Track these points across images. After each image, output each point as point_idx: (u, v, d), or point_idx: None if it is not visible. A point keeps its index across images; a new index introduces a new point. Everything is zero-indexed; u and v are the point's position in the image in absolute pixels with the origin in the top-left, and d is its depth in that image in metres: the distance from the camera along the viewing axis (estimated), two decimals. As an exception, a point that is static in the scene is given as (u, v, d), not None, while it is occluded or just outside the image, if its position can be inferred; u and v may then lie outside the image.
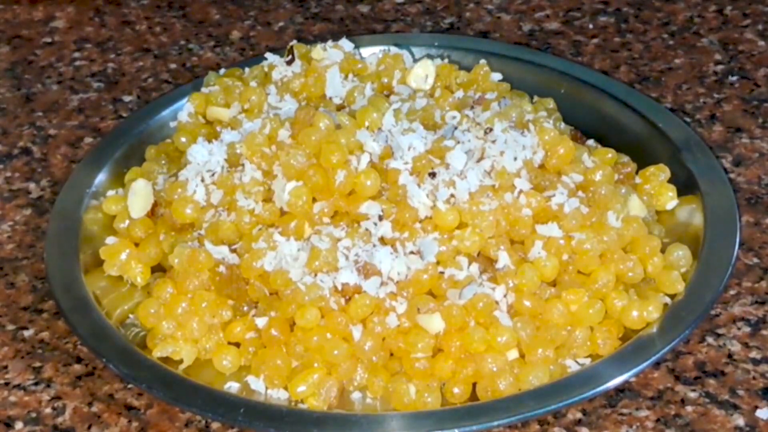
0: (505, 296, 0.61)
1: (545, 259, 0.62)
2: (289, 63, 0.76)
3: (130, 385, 0.62)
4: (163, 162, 0.73)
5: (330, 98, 0.73)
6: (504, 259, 0.62)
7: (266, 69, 0.77)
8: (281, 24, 0.95)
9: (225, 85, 0.76)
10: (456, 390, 0.59)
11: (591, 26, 0.92)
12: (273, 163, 0.65)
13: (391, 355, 0.61)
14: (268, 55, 0.78)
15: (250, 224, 0.65)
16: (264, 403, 0.60)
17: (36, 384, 0.63)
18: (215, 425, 0.60)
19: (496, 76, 0.77)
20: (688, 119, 0.80)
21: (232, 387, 0.61)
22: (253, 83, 0.75)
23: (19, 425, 0.61)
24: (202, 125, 0.75)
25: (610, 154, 0.70)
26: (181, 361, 0.62)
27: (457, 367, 0.60)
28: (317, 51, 0.76)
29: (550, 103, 0.75)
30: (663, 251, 0.65)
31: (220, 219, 0.65)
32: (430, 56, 0.81)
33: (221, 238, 0.65)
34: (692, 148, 0.72)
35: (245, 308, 0.63)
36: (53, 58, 0.92)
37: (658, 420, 0.59)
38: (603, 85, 0.79)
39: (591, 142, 0.73)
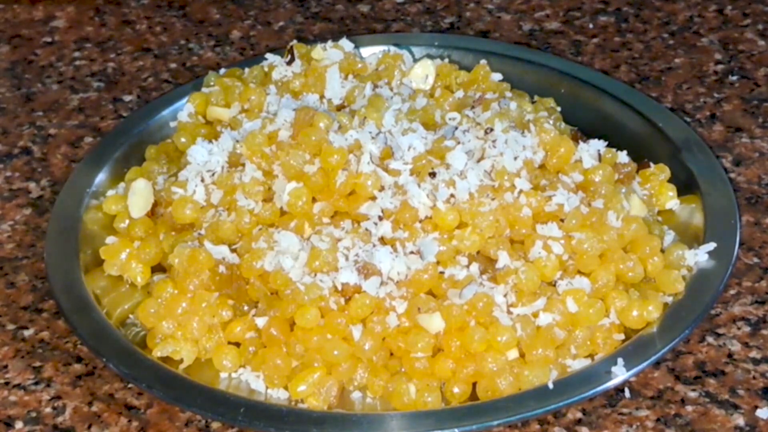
0: (505, 296, 0.61)
1: (545, 259, 0.62)
2: (289, 63, 0.76)
3: (130, 385, 0.62)
4: (163, 162, 0.73)
5: (329, 99, 0.73)
6: (504, 259, 0.62)
7: (266, 69, 0.77)
8: (281, 24, 0.95)
9: (225, 85, 0.76)
10: (456, 390, 0.59)
11: (591, 26, 0.92)
12: (273, 163, 0.66)
13: (391, 354, 0.61)
14: (268, 55, 0.78)
15: (250, 224, 0.65)
16: (264, 402, 0.60)
17: (36, 384, 0.63)
18: (215, 425, 0.60)
19: (496, 76, 0.77)
20: (688, 119, 0.80)
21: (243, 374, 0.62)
22: (252, 84, 0.76)
23: (19, 425, 0.61)
24: (202, 125, 0.75)
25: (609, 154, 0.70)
26: (181, 361, 0.62)
27: (457, 366, 0.60)
28: (317, 51, 0.76)
29: (551, 103, 0.75)
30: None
31: (220, 219, 0.65)
32: (430, 56, 0.81)
33: (221, 237, 0.65)
34: (692, 147, 0.72)
35: (245, 308, 0.63)
36: (53, 58, 0.92)
37: (658, 420, 0.59)
38: (603, 85, 0.79)
39: (597, 142, 0.69)
